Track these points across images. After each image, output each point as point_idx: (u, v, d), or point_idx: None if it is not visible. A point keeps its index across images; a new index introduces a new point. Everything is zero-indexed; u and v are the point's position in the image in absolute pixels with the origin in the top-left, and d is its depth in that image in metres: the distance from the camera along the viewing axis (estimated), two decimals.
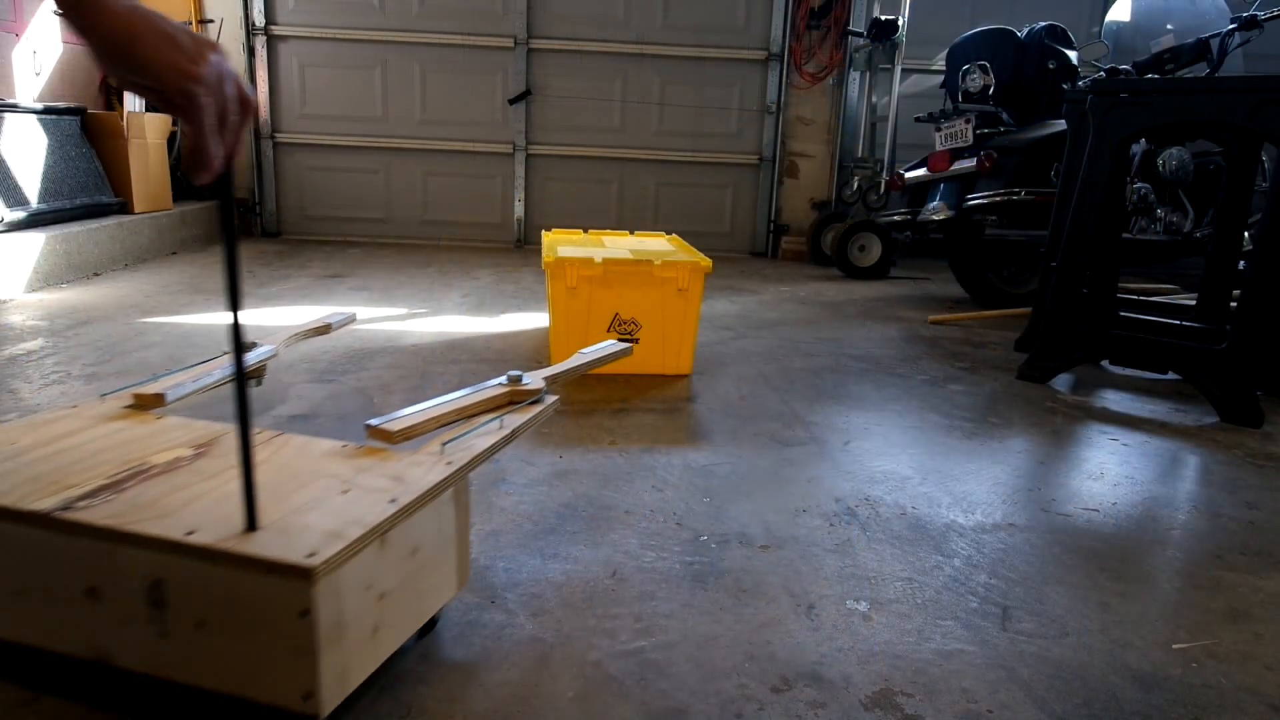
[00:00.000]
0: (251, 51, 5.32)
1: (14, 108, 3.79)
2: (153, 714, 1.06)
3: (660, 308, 2.57)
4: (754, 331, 3.35)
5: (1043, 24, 4.13)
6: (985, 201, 3.83)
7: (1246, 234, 3.20)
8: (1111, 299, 3.03)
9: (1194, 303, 3.04)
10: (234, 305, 0.93)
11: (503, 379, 1.38)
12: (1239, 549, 1.62)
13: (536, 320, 3.36)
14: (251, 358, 1.51)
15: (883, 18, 5.08)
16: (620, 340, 1.69)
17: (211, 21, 5.23)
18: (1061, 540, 1.62)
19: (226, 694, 0.98)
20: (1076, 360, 2.74)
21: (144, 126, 4.44)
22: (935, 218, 4.00)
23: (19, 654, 1.08)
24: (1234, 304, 2.70)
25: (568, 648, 1.19)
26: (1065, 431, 2.29)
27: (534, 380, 1.38)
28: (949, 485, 1.87)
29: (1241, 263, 2.93)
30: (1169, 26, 3.63)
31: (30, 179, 3.81)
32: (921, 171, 4.22)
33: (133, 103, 4.45)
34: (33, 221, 3.72)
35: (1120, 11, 4.13)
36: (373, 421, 1.21)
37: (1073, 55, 4.04)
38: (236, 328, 0.94)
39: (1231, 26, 3.13)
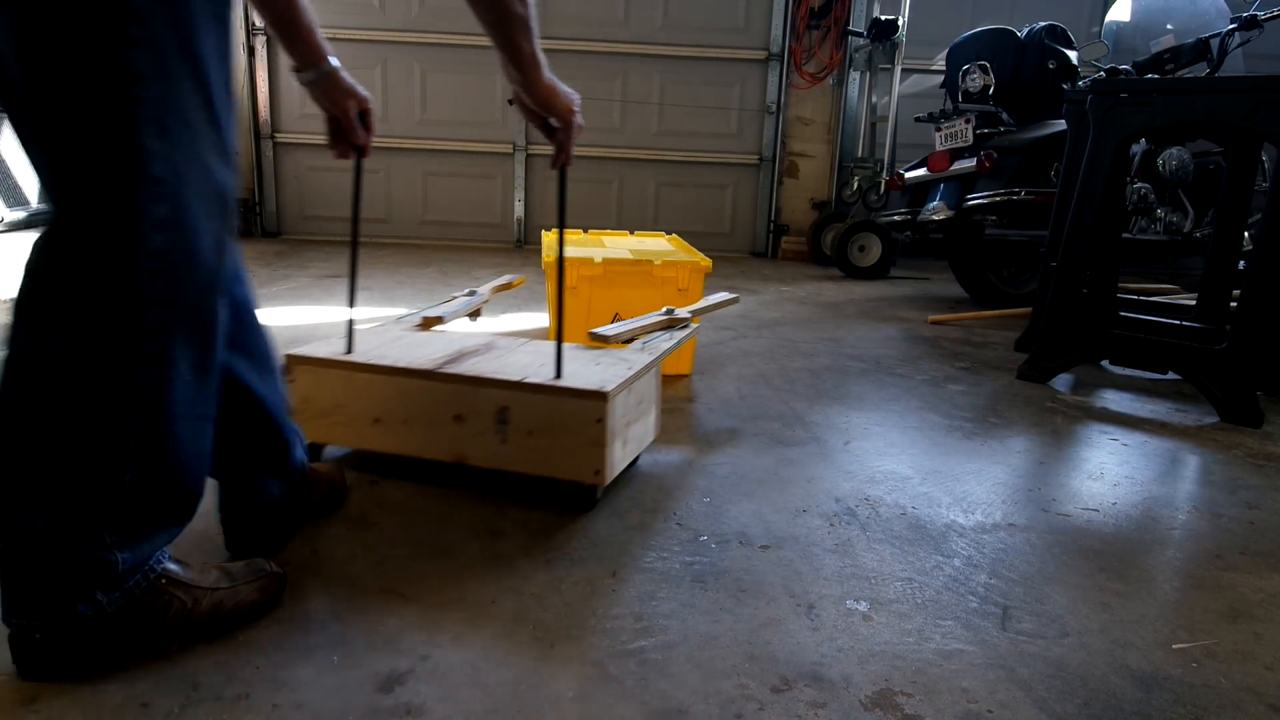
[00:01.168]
0: (251, 51, 5.32)
1: None
2: (492, 492, 1.67)
3: (660, 307, 2.57)
4: (754, 331, 3.35)
5: (1043, 24, 4.13)
6: (985, 201, 3.83)
7: (1246, 234, 3.20)
8: (1111, 299, 3.03)
9: (1194, 303, 3.04)
10: (560, 243, 1.64)
11: (663, 312, 2.07)
12: (1239, 549, 1.62)
13: (537, 320, 3.36)
14: (473, 300, 2.20)
15: (883, 18, 5.09)
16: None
17: None
18: (1061, 540, 1.62)
19: (542, 476, 1.60)
20: (1076, 360, 2.74)
21: None
22: (935, 218, 3.99)
23: (401, 461, 1.71)
24: (1234, 304, 2.70)
25: (568, 647, 1.19)
26: (1065, 431, 2.29)
27: (683, 312, 2.10)
28: (949, 485, 1.87)
29: (1241, 263, 2.93)
30: (1169, 26, 3.63)
31: (30, 179, 3.81)
32: (921, 171, 4.22)
33: None
34: (33, 221, 3.72)
35: (1120, 11, 4.13)
36: (594, 331, 1.82)
37: (1073, 55, 4.03)
38: (561, 264, 1.65)
39: (1231, 26, 3.13)
